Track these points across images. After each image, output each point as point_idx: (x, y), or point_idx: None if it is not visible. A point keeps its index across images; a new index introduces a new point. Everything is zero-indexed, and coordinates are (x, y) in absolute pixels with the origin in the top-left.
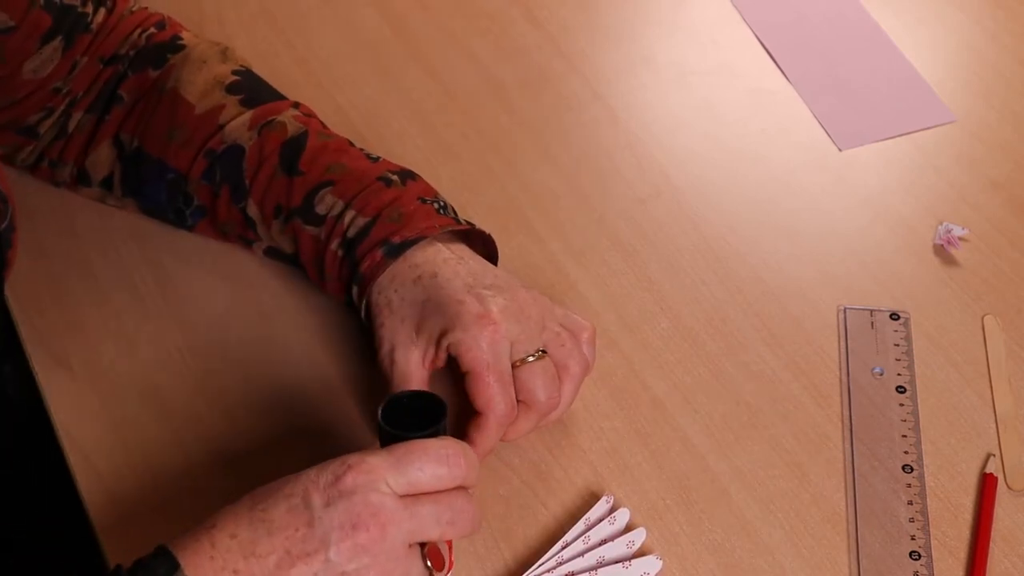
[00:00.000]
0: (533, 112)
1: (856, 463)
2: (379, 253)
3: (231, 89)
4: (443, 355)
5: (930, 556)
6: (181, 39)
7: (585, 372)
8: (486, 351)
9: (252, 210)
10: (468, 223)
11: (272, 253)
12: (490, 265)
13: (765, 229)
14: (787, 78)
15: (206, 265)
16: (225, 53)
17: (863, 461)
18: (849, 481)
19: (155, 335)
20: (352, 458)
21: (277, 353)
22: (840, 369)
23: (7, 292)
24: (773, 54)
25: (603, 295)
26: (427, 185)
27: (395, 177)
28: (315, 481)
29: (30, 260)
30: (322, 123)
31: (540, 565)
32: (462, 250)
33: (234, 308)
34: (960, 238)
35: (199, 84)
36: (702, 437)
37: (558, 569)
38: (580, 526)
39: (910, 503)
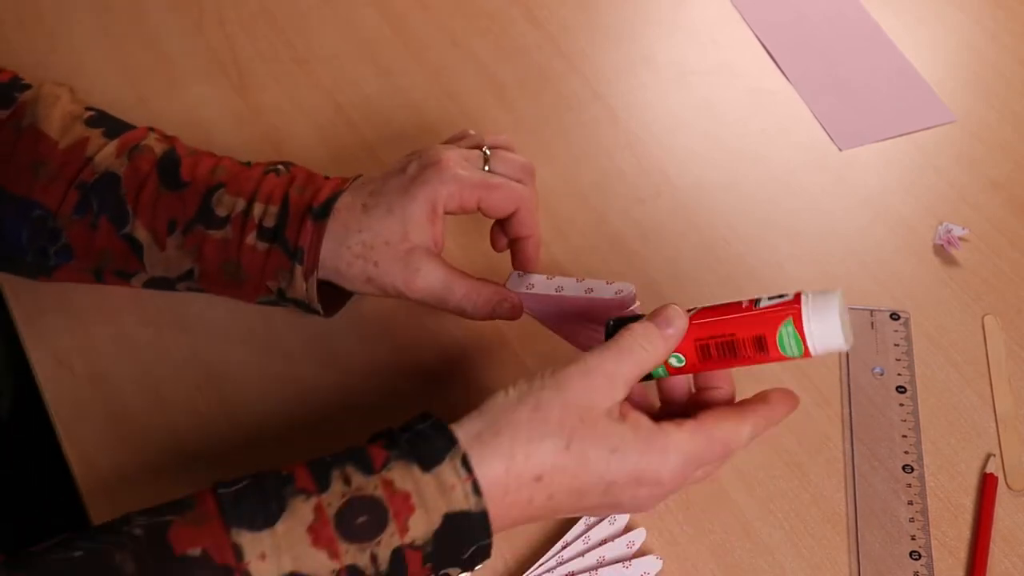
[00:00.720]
0: (533, 112)
1: (856, 463)
2: (308, 221)
3: (90, 123)
4: (440, 225)
5: (930, 556)
6: (22, 79)
7: (532, 171)
8: (467, 176)
9: (140, 233)
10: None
11: (153, 284)
12: None
13: (765, 229)
14: (787, 78)
15: None
16: (72, 92)
17: (863, 461)
18: (849, 481)
19: (155, 335)
20: (678, 466)
21: (277, 353)
22: (840, 369)
23: (7, 292)
24: (773, 54)
25: None
26: (305, 168)
27: (280, 167)
28: (638, 480)
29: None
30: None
31: (540, 565)
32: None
33: (234, 308)
34: (960, 238)
35: (56, 119)
36: None
37: (558, 569)
38: (580, 526)
39: (910, 503)
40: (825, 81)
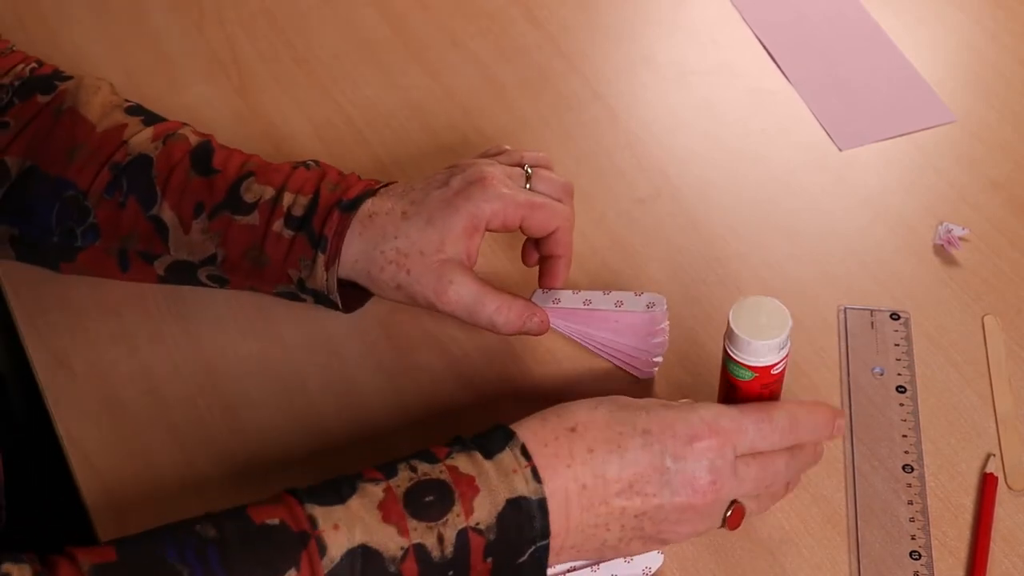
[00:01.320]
0: (533, 112)
1: (856, 463)
2: (336, 212)
3: (130, 111)
4: (478, 241)
5: (930, 556)
6: (63, 72)
7: (571, 192)
8: (511, 195)
9: (167, 215)
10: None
11: (176, 269)
12: None
13: (765, 229)
14: (787, 78)
15: None
16: (112, 86)
17: (863, 461)
18: (849, 481)
19: (155, 335)
20: (708, 416)
21: (277, 351)
22: (840, 369)
23: (8, 292)
24: (773, 54)
25: None
26: (335, 167)
27: (311, 163)
28: (672, 428)
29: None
30: None
31: None
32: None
33: (235, 307)
34: (960, 238)
35: (97, 106)
36: None
37: (560, 565)
38: None
39: (910, 503)
40: (825, 81)
